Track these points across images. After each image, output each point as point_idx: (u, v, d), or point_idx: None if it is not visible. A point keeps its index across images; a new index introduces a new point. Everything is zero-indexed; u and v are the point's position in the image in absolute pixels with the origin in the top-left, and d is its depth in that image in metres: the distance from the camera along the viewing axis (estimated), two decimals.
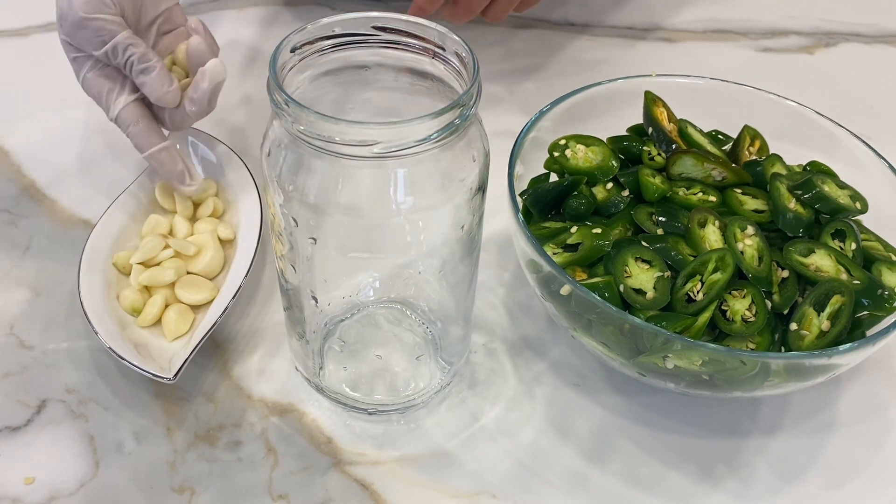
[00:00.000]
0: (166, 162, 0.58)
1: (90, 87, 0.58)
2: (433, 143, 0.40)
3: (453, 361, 0.54)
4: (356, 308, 0.54)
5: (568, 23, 0.87)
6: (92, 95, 0.59)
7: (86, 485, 0.49)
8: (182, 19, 0.63)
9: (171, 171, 0.59)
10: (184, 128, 0.60)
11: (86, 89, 0.59)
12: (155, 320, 0.55)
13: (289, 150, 0.43)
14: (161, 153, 0.58)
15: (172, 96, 0.57)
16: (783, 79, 0.80)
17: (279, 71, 0.42)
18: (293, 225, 0.45)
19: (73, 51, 0.58)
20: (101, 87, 0.58)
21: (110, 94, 0.58)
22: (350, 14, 0.45)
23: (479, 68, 0.42)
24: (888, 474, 0.51)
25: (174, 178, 0.59)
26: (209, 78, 0.57)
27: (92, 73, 0.58)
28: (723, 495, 0.50)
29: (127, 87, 0.58)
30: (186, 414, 0.52)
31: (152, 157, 0.58)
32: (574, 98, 0.59)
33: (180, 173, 0.59)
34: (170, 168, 0.59)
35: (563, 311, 0.50)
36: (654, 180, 0.55)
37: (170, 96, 0.57)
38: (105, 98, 0.58)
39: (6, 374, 0.54)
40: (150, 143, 0.58)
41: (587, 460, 0.51)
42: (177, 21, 0.63)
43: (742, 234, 0.52)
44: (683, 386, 0.50)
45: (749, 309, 0.49)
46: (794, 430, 0.53)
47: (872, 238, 0.55)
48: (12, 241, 0.62)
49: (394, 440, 0.52)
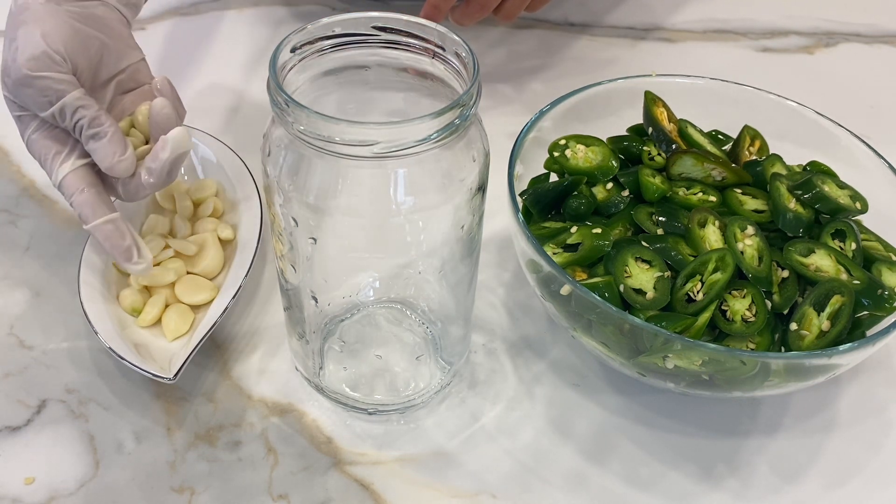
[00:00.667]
0: (111, 236, 0.51)
1: (34, 149, 0.53)
2: (433, 143, 0.40)
3: (453, 361, 0.54)
4: (356, 308, 0.54)
5: (568, 23, 0.87)
6: (36, 158, 0.53)
7: (86, 485, 0.49)
8: (147, 76, 0.56)
9: (115, 246, 0.52)
10: (138, 199, 0.54)
11: (30, 151, 0.53)
12: (155, 320, 0.55)
13: (289, 150, 0.43)
14: (106, 226, 0.51)
15: (125, 165, 0.51)
16: (783, 79, 0.80)
17: (279, 71, 0.42)
18: (293, 225, 0.45)
19: (16, 109, 0.52)
20: (47, 151, 0.52)
21: (55, 158, 0.52)
22: (350, 14, 0.45)
23: (478, 68, 0.42)
24: (888, 474, 0.51)
25: (119, 255, 0.52)
26: (171, 148, 0.51)
27: (37, 134, 0.52)
28: (723, 495, 0.50)
29: (76, 151, 0.52)
30: (186, 414, 0.52)
31: (96, 230, 0.51)
32: (574, 98, 0.59)
33: (126, 249, 0.52)
34: (115, 242, 0.52)
35: (563, 311, 0.50)
36: (654, 180, 0.55)
37: (122, 165, 0.51)
38: (49, 163, 0.52)
39: (6, 374, 0.54)
40: (94, 215, 0.51)
41: (587, 460, 0.51)
42: (141, 79, 0.56)
43: (742, 234, 0.52)
44: (683, 386, 0.50)
45: (749, 309, 0.49)
46: (794, 430, 0.53)
47: (872, 238, 0.55)
48: (12, 241, 0.62)
49: (394, 440, 0.52)
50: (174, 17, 0.85)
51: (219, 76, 0.78)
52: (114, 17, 0.55)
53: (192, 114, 0.72)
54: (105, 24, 0.54)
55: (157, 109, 0.52)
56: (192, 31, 0.83)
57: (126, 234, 0.52)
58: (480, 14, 0.68)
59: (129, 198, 0.54)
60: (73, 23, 0.52)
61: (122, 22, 0.55)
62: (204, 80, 0.77)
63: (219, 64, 0.79)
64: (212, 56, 0.80)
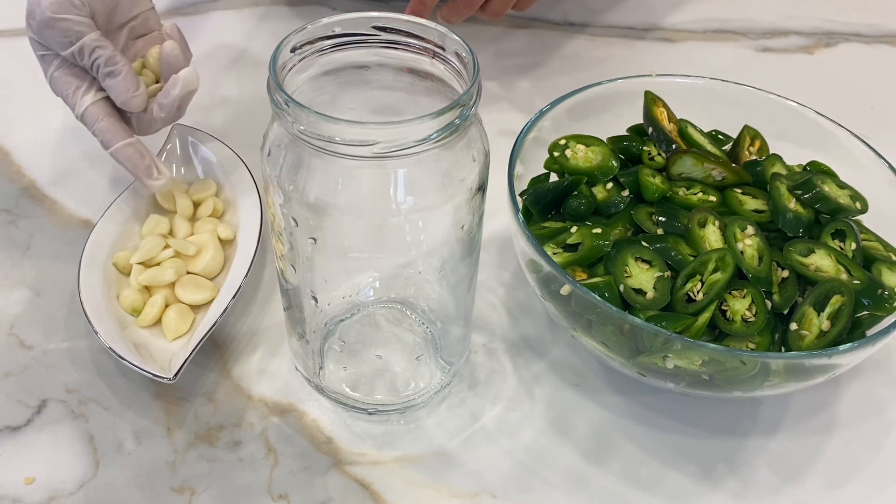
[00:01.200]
0: (132, 157, 0.58)
1: (57, 85, 0.58)
2: (433, 143, 0.40)
3: (453, 361, 0.54)
4: (356, 308, 0.54)
5: (567, 22, 0.87)
6: (58, 94, 0.59)
7: (86, 485, 0.49)
8: (157, 24, 0.63)
9: (136, 166, 0.58)
10: (150, 132, 0.59)
11: (53, 88, 0.59)
12: (155, 320, 0.55)
13: (289, 150, 0.43)
14: (126, 148, 0.57)
15: (138, 101, 0.57)
16: (783, 79, 0.80)
17: (279, 71, 0.42)
18: (293, 225, 0.45)
19: (40, 49, 0.58)
20: (68, 86, 0.58)
21: (76, 92, 0.57)
22: (350, 14, 0.45)
23: (479, 68, 0.42)
24: (888, 474, 0.51)
25: (141, 173, 0.58)
26: (182, 85, 0.57)
27: (59, 71, 0.58)
28: (723, 495, 0.50)
29: (94, 86, 0.58)
30: (186, 414, 0.52)
31: (117, 153, 0.57)
32: (574, 98, 0.59)
33: (147, 167, 0.58)
34: (136, 163, 0.58)
35: (563, 311, 0.50)
36: (654, 180, 0.55)
37: (135, 101, 0.57)
38: (71, 96, 0.58)
39: (6, 374, 0.54)
40: (115, 140, 0.57)
41: (587, 460, 0.51)
42: (151, 25, 0.62)
43: (742, 234, 0.52)
44: (683, 386, 0.50)
45: (749, 309, 0.49)
46: (794, 430, 0.53)
47: (872, 238, 0.55)
48: (12, 241, 0.62)
49: (394, 440, 0.52)
50: (174, 16, 0.85)
51: (219, 76, 0.78)
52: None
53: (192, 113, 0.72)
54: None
55: (167, 51, 0.58)
56: (192, 31, 0.83)
57: (145, 155, 0.58)
58: (467, 11, 0.68)
59: (141, 131, 0.59)
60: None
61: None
62: (203, 80, 0.76)
63: (218, 64, 0.79)
64: (211, 56, 0.80)
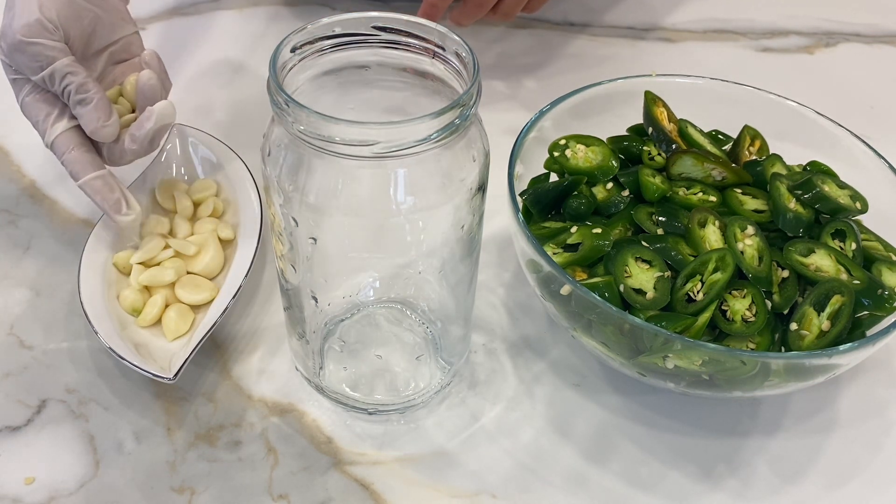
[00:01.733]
0: (101, 190, 0.55)
1: (28, 111, 0.56)
2: (433, 142, 0.40)
3: (453, 361, 0.54)
4: (356, 308, 0.54)
5: (568, 22, 0.87)
6: (29, 119, 0.57)
7: (86, 485, 0.49)
8: (139, 49, 0.60)
9: (105, 199, 0.55)
10: (121, 164, 0.57)
11: (24, 112, 0.56)
12: (155, 320, 0.55)
13: (289, 150, 0.43)
14: (95, 181, 0.55)
15: (108, 131, 0.54)
16: (783, 79, 0.80)
17: (279, 71, 0.42)
18: (293, 225, 0.45)
19: (11, 72, 0.56)
20: (38, 113, 0.56)
21: (47, 119, 0.55)
22: (350, 14, 0.45)
23: (479, 68, 0.42)
24: (888, 474, 0.51)
25: (109, 208, 0.55)
26: (156, 119, 0.55)
27: (30, 97, 0.56)
28: (723, 495, 0.50)
29: (66, 113, 0.56)
30: (186, 414, 0.52)
31: (86, 185, 0.55)
32: (574, 98, 0.59)
33: (116, 202, 0.55)
34: (105, 195, 0.55)
35: (563, 311, 0.50)
36: (654, 180, 0.55)
37: (105, 131, 0.54)
38: (41, 123, 0.56)
39: (6, 374, 0.54)
40: (84, 172, 0.55)
41: (587, 460, 0.51)
42: (133, 51, 0.60)
43: (742, 234, 0.52)
44: (683, 386, 0.50)
45: (749, 309, 0.49)
46: (794, 430, 0.53)
47: (872, 238, 0.55)
48: (12, 241, 0.62)
49: (394, 440, 0.52)
50: (174, 16, 0.85)
51: (219, 76, 0.78)
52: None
53: (192, 113, 0.72)
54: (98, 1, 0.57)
55: (143, 81, 0.56)
56: (192, 31, 0.83)
57: (115, 188, 0.56)
58: (478, 13, 0.68)
59: (112, 162, 0.57)
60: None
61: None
62: (204, 80, 0.77)
63: (218, 64, 0.79)
64: (211, 56, 0.80)
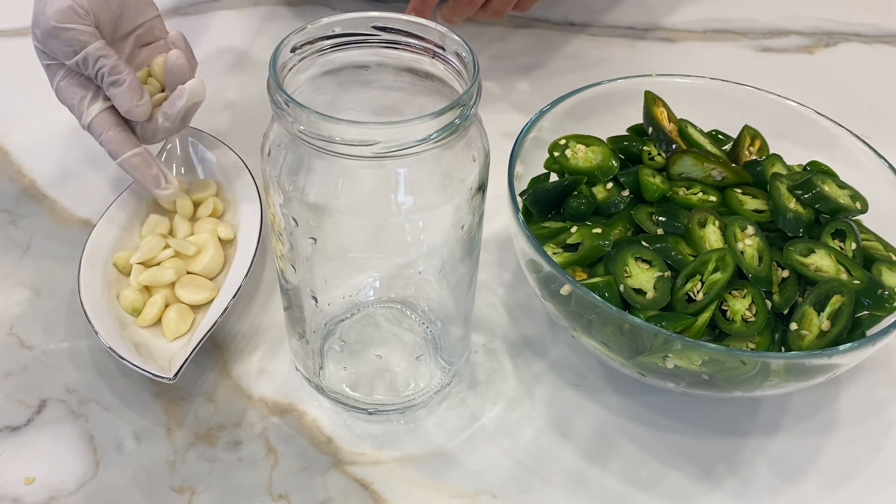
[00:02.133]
0: (140, 166, 0.57)
1: (63, 95, 0.58)
2: (433, 142, 0.40)
3: (453, 361, 0.54)
4: (356, 308, 0.54)
5: (568, 22, 0.87)
6: (65, 103, 0.58)
7: (86, 485, 0.49)
8: (163, 32, 0.62)
9: (145, 176, 0.57)
10: (155, 142, 0.59)
11: (59, 97, 0.58)
12: (155, 320, 0.55)
13: (289, 150, 0.43)
14: (134, 158, 0.57)
15: (142, 110, 0.56)
16: (783, 79, 0.80)
17: (279, 71, 0.42)
18: (293, 225, 0.45)
19: (45, 58, 0.58)
20: (74, 96, 0.57)
21: (82, 102, 0.57)
22: (350, 14, 0.45)
23: (479, 68, 0.42)
24: (888, 474, 0.51)
25: (149, 182, 0.57)
26: (188, 96, 0.57)
27: (65, 81, 0.57)
28: (723, 495, 0.50)
29: (100, 95, 0.57)
30: (186, 414, 0.52)
31: (125, 163, 0.57)
32: (574, 98, 0.59)
33: (155, 177, 0.57)
34: (144, 172, 0.57)
35: (563, 311, 0.50)
36: (654, 180, 0.55)
37: (139, 110, 0.56)
38: (77, 106, 0.57)
39: (6, 374, 0.54)
40: (122, 150, 0.57)
41: (587, 460, 0.51)
42: (157, 34, 0.62)
43: (742, 234, 0.52)
44: (683, 386, 0.50)
45: (749, 309, 0.49)
46: (794, 430, 0.53)
47: (872, 238, 0.55)
48: (12, 241, 0.62)
49: (394, 440, 0.52)
50: (174, 16, 0.85)
51: (218, 75, 0.78)
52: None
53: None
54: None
55: (172, 61, 0.58)
56: (193, 31, 0.83)
57: (153, 164, 0.58)
58: (468, 10, 0.68)
59: (146, 140, 0.58)
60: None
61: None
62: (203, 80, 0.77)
63: (218, 63, 0.79)
64: (211, 56, 0.80)
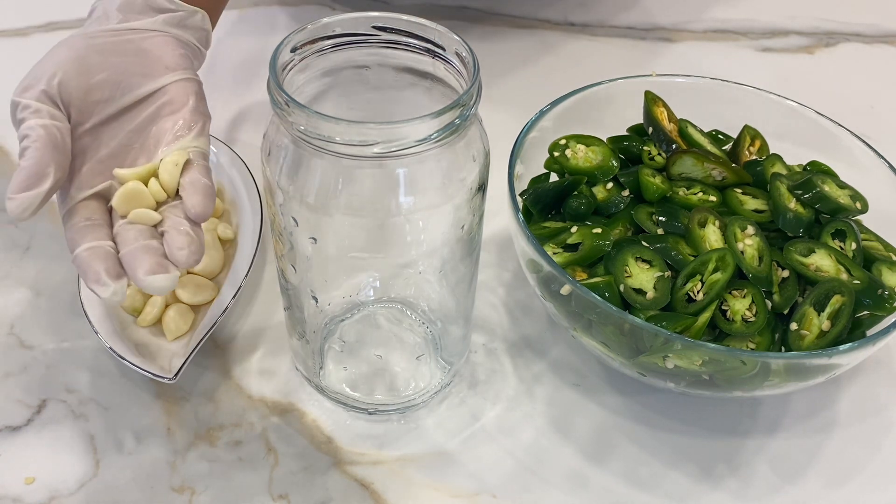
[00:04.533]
0: (85, 261, 0.44)
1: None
2: (433, 143, 0.40)
3: (453, 361, 0.54)
4: (356, 308, 0.54)
5: (568, 23, 0.87)
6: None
7: (86, 485, 0.49)
8: (183, 99, 0.49)
9: (85, 272, 0.44)
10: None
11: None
12: (155, 320, 0.55)
13: (289, 150, 0.43)
14: (84, 252, 0.44)
15: (10, 205, 0.43)
16: (783, 79, 0.80)
17: (279, 71, 0.42)
18: (293, 225, 0.45)
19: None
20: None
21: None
22: (350, 14, 0.45)
23: (479, 68, 0.42)
24: (888, 474, 0.51)
25: (88, 280, 0.44)
26: (146, 285, 0.42)
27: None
28: (723, 495, 0.50)
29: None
30: (186, 414, 0.52)
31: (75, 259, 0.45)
32: (574, 98, 0.59)
33: (95, 273, 0.43)
34: (85, 267, 0.44)
35: (563, 311, 0.50)
36: (655, 180, 0.55)
37: (9, 203, 0.43)
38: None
39: (6, 374, 0.54)
40: (78, 242, 0.45)
41: (587, 460, 0.51)
42: (176, 102, 0.49)
43: (742, 234, 0.52)
44: (683, 386, 0.50)
45: (749, 309, 0.49)
46: (794, 430, 0.53)
47: (872, 238, 0.55)
48: (12, 241, 0.62)
49: (394, 440, 0.52)
50: None
51: (219, 76, 0.78)
52: (156, 40, 0.51)
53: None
54: (134, 49, 0.50)
55: (187, 208, 0.45)
56: None
57: (104, 259, 0.44)
58: None
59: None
60: (86, 54, 0.48)
61: (162, 44, 0.50)
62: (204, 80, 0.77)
63: (219, 64, 0.79)
64: (212, 56, 0.80)
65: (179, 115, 0.48)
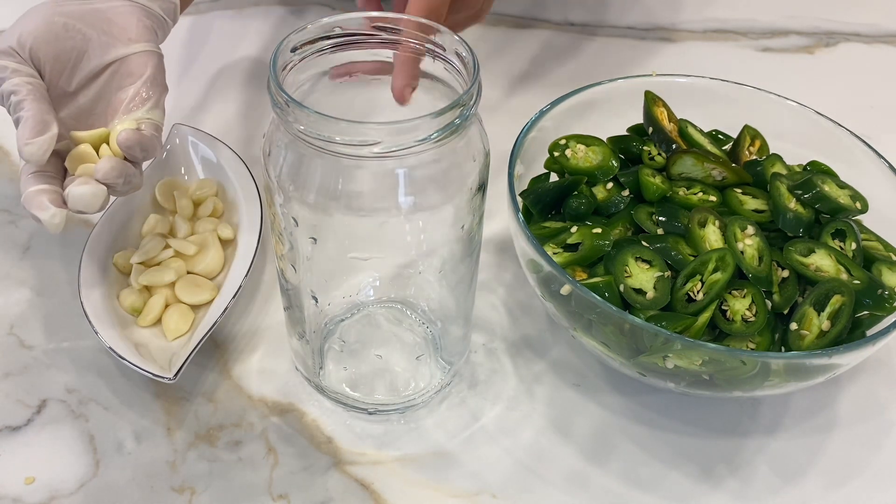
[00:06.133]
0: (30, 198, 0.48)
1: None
2: (433, 142, 0.40)
3: (453, 361, 0.54)
4: (356, 308, 0.54)
5: (568, 23, 0.87)
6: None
7: (86, 485, 0.49)
8: (142, 69, 0.51)
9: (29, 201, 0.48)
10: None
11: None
12: (155, 320, 0.55)
13: (289, 150, 0.43)
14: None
15: (30, 149, 0.47)
16: (783, 79, 0.80)
17: (279, 71, 0.42)
18: (293, 225, 0.45)
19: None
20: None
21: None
22: (350, 14, 0.45)
23: (479, 68, 0.42)
24: (888, 474, 0.51)
25: (31, 206, 0.48)
26: (71, 202, 0.47)
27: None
28: (723, 495, 0.50)
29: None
30: (186, 414, 0.52)
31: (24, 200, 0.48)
32: (574, 98, 0.59)
33: (38, 200, 0.47)
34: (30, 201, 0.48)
35: (563, 311, 0.50)
36: (655, 180, 0.55)
37: (27, 149, 0.47)
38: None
39: (6, 374, 0.54)
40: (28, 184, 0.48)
41: (587, 460, 0.51)
42: (136, 72, 0.51)
43: (742, 234, 0.52)
44: (683, 386, 0.50)
45: (749, 309, 0.49)
46: (794, 430, 0.53)
47: (872, 238, 0.55)
48: (12, 241, 0.62)
49: (394, 440, 0.52)
50: None
51: (219, 76, 0.78)
52: (122, 10, 0.53)
53: (192, 113, 0.72)
54: (100, 19, 0.52)
55: (121, 140, 0.49)
56: (192, 31, 0.83)
57: (46, 192, 0.48)
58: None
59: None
60: (55, 20, 0.51)
61: (128, 14, 0.53)
62: (204, 80, 0.77)
63: (219, 64, 0.79)
64: (212, 56, 0.80)
65: (137, 86, 0.51)
